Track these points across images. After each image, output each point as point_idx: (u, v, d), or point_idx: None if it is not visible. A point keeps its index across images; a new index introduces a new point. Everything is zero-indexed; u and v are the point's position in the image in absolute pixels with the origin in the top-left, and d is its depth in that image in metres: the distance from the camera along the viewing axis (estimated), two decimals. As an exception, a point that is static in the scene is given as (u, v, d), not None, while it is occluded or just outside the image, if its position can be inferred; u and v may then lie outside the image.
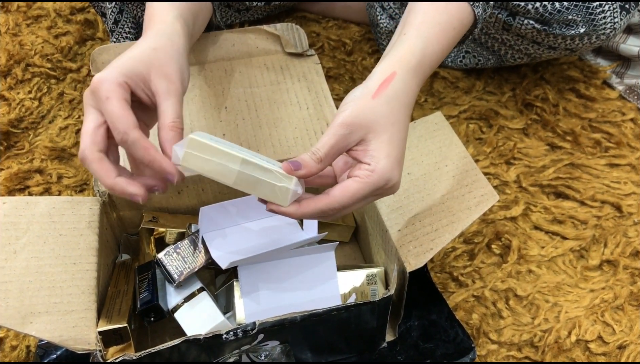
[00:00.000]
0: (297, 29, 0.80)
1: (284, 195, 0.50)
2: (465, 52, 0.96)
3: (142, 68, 0.52)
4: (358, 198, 0.50)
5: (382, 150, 0.51)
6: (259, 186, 0.49)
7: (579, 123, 0.93)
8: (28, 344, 0.69)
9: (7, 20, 1.06)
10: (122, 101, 0.49)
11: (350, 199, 0.50)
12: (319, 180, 0.54)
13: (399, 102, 0.53)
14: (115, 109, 0.49)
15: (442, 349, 0.65)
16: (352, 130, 0.50)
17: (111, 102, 0.49)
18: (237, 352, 0.58)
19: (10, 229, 0.59)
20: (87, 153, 0.49)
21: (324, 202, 0.50)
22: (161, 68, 0.53)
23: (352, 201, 0.50)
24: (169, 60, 0.54)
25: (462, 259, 0.78)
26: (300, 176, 0.50)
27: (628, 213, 0.83)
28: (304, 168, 0.49)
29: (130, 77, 0.51)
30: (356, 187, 0.50)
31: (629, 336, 0.71)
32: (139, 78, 0.52)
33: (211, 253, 0.60)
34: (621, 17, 0.79)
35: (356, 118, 0.51)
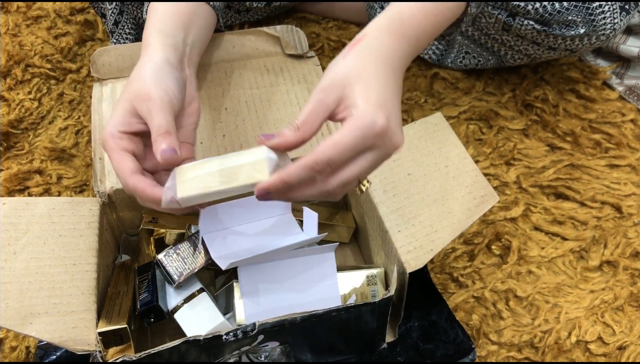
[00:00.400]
0: (297, 30, 0.80)
1: (262, 167, 0.48)
2: (465, 53, 0.96)
3: (128, 107, 0.55)
4: (345, 148, 0.48)
5: (359, 97, 0.49)
6: (241, 175, 0.49)
7: (579, 124, 0.93)
8: (28, 345, 0.69)
9: (7, 20, 1.06)
10: (117, 153, 0.54)
11: (336, 149, 0.47)
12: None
13: (371, 54, 0.52)
14: (114, 163, 0.54)
15: (442, 350, 0.64)
16: (327, 92, 0.50)
17: (111, 156, 0.54)
18: (237, 353, 0.58)
19: (10, 230, 0.59)
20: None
21: (308, 158, 0.47)
22: (140, 96, 0.55)
23: (338, 153, 0.47)
24: (146, 84, 0.56)
25: (462, 260, 0.78)
26: (275, 145, 0.49)
27: (628, 214, 0.83)
28: (279, 137, 0.49)
29: (122, 123, 0.55)
30: (339, 135, 0.48)
31: (629, 336, 0.71)
32: (130, 117, 0.55)
33: (211, 254, 0.60)
34: (621, 17, 0.79)
35: (329, 80, 0.51)
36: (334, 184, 0.49)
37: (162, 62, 0.59)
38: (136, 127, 0.55)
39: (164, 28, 0.62)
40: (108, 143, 0.54)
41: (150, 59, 0.59)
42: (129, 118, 0.55)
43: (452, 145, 0.67)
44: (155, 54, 0.59)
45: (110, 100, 0.73)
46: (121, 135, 0.55)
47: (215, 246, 0.61)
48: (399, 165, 0.66)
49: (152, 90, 0.55)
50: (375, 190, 0.64)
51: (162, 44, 0.61)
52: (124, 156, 0.54)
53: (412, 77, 0.99)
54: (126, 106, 0.56)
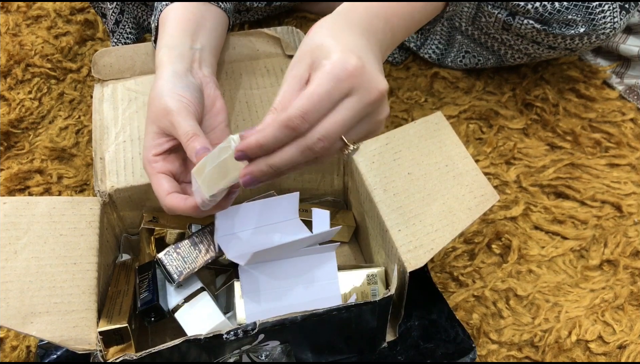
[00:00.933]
0: (297, 32, 0.80)
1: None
2: (465, 52, 0.96)
3: (154, 129, 0.59)
4: (320, 98, 0.45)
5: (329, 50, 0.47)
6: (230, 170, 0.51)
7: (579, 123, 0.93)
8: (28, 345, 0.69)
9: (7, 20, 1.06)
10: (154, 177, 0.58)
11: (309, 101, 0.45)
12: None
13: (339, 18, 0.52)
14: (153, 187, 0.58)
15: (442, 349, 0.65)
16: (298, 64, 0.48)
17: (151, 181, 0.58)
18: (237, 352, 0.58)
19: (10, 229, 0.59)
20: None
21: (281, 115, 0.45)
22: (159, 113, 0.58)
23: (313, 105, 0.45)
24: (162, 101, 0.58)
25: (463, 259, 0.78)
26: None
27: (628, 213, 0.83)
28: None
29: (153, 146, 0.58)
30: (312, 86, 0.46)
31: (629, 336, 0.71)
32: (158, 138, 0.58)
33: (227, 255, 0.61)
34: (621, 16, 0.79)
35: (298, 54, 0.50)
36: (315, 138, 0.46)
37: (169, 75, 0.61)
38: (167, 145, 0.59)
39: (170, 41, 0.64)
40: (146, 169, 0.59)
41: (160, 76, 0.61)
42: (158, 140, 0.58)
43: (453, 145, 0.67)
44: (164, 70, 0.61)
45: (111, 101, 0.73)
46: (155, 158, 0.58)
47: (231, 248, 0.62)
48: (399, 164, 0.66)
49: (168, 104, 0.58)
50: (375, 189, 0.65)
51: (169, 58, 0.63)
52: (159, 178, 0.57)
53: (412, 76, 0.99)
54: (152, 129, 0.59)
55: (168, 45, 0.64)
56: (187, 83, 0.61)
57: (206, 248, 0.62)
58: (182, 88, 0.60)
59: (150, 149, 0.58)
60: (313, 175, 0.73)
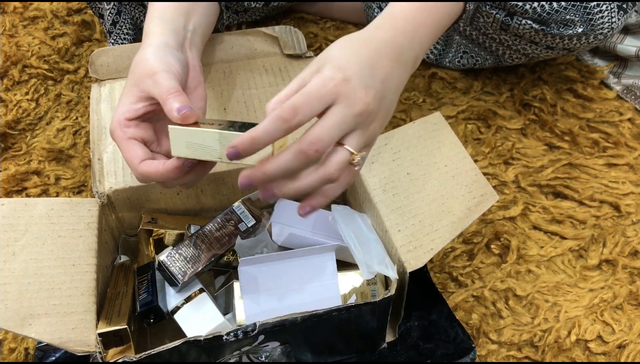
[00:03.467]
0: (296, 31, 0.80)
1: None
2: (463, 52, 0.96)
3: (133, 91, 0.56)
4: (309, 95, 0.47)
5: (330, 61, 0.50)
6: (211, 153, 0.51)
7: (577, 123, 0.93)
8: (27, 347, 0.69)
9: (4, 21, 1.06)
10: (125, 142, 0.55)
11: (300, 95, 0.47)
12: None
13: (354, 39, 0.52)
14: (123, 152, 0.55)
15: (442, 349, 0.64)
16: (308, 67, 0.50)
17: (120, 146, 0.55)
18: (237, 353, 0.58)
19: (8, 231, 0.59)
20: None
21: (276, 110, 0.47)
22: (143, 74, 0.56)
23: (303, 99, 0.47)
24: (147, 63, 0.56)
25: (462, 259, 0.78)
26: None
27: (626, 213, 0.83)
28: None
29: (128, 110, 0.55)
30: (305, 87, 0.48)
31: (628, 335, 0.71)
32: (135, 102, 0.56)
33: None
34: (619, 17, 0.79)
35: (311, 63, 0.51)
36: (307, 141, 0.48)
37: (161, 44, 0.59)
38: (142, 110, 0.56)
39: (163, 16, 0.63)
40: (116, 132, 0.55)
41: (149, 44, 0.59)
42: (135, 104, 0.56)
43: (452, 145, 0.67)
44: (154, 39, 0.59)
45: (109, 101, 0.73)
46: (128, 122, 0.55)
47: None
48: (398, 164, 0.66)
49: (155, 66, 0.55)
50: (374, 190, 0.64)
51: (161, 30, 0.61)
52: (132, 144, 0.54)
53: (410, 77, 0.99)
54: (132, 91, 0.56)
55: (161, 18, 0.62)
56: (177, 57, 0.59)
57: (207, 247, 0.62)
58: (171, 58, 0.58)
59: (124, 113, 0.55)
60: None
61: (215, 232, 0.63)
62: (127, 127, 0.55)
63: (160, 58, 0.57)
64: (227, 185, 0.69)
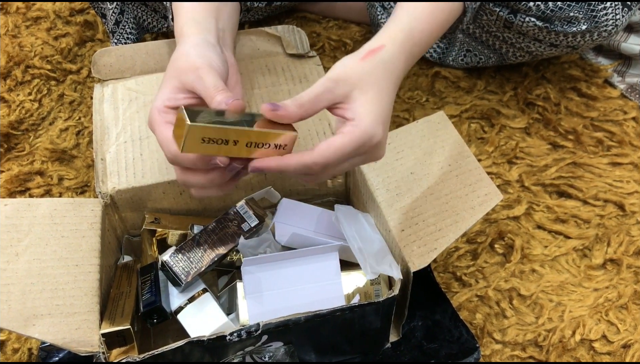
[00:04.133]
0: (299, 31, 0.80)
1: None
2: (467, 51, 0.96)
3: (174, 83, 0.56)
4: (343, 154, 0.50)
5: (366, 107, 0.51)
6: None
7: (581, 122, 0.92)
8: (30, 347, 0.69)
9: (7, 21, 1.06)
10: (162, 126, 0.54)
11: (334, 154, 0.50)
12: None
13: (385, 68, 0.54)
14: (159, 136, 0.54)
15: (446, 349, 0.64)
16: (338, 85, 0.51)
17: (156, 130, 0.54)
18: (240, 353, 0.58)
19: (12, 231, 0.59)
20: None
21: (308, 156, 0.50)
22: (186, 69, 0.56)
23: (336, 157, 0.50)
24: (190, 58, 0.57)
25: (465, 259, 0.78)
26: (278, 116, 0.50)
27: (631, 212, 0.83)
28: (283, 110, 0.50)
29: (169, 99, 0.55)
30: (340, 141, 0.50)
31: (633, 335, 0.71)
32: (176, 92, 0.56)
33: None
34: (623, 14, 0.79)
35: (344, 74, 0.52)
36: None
37: (201, 40, 0.59)
38: (183, 101, 0.56)
39: (196, 17, 0.63)
40: (154, 117, 0.55)
41: (186, 42, 0.59)
42: (175, 94, 0.56)
43: (455, 144, 0.67)
44: (193, 36, 0.60)
45: (111, 101, 0.73)
46: (167, 109, 0.55)
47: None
48: (402, 164, 0.66)
49: (198, 61, 0.56)
50: (378, 189, 0.64)
51: (197, 29, 0.61)
52: (168, 128, 0.54)
53: (413, 76, 0.99)
54: (172, 83, 0.56)
55: (194, 19, 0.62)
56: (218, 53, 0.59)
57: (210, 247, 0.62)
58: (213, 54, 0.58)
59: (164, 101, 0.55)
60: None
61: (219, 232, 0.63)
62: (165, 113, 0.55)
63: (202, 54, 0.57)
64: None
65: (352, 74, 0.52)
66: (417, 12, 0.58)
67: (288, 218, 0.65)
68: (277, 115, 0.50)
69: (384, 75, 0.54)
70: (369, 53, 0.54)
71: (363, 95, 0.52)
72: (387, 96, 0.53)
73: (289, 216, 0.66)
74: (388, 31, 0.56)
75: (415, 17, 0.57)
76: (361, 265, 0.61)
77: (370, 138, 0.51)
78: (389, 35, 0.56)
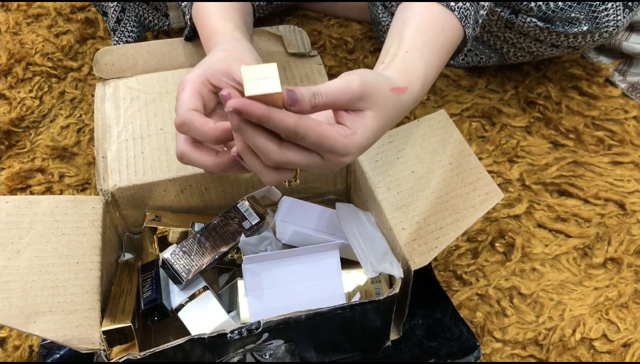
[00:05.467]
0: (300, 30, 0.80)
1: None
2: (468, 50, 0.96)
3: (222, 65, 0.56)
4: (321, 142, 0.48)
5: (367, 133, 0.50)
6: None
7: (582, 121, 0.92)
8: (31, 344, 0.69)
9: (8, 19, 1.06)
10: (192, 90, 0.53)
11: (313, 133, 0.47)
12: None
13: (400, 111, 0.53)
14: (183, 96, 0.52)
15: (446, 347, 0.64)
16: (363, 97, 0.49)
17: (184, 92, 0.53)
18: (241, 351, 0.58)
19: (13, 228, 0.59)
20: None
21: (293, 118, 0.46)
22: (239, 60, 0.56)
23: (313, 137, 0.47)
24: (243, 54, 0.58)
25: (466, 257, 0.78)
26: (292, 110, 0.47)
27: (632, 211, 0.83)
28: (298, 106, 0.47)
29: (210, 74, 0.54)
30: (327, 132, 0.48)
31: (633, 334, 0.71)
32: (220, 73, 0.55)
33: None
34: (624, 14, 0.79)
35: (374, 90, 0.50)
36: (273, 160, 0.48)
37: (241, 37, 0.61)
38: (223, 83, 0.55)
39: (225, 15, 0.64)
40: (190, 77, 0.54)
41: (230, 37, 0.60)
42: (219, 75, 0.55)
43: (456, 143, 0.67)
44: (234, 32, 0.62)
45: (113, 100, 0.73)
46: (206, 81, 0.54)
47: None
48: (402, 162, 0.66)
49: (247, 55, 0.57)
50: (379, 188, 0.64)
51: (230, 28, 0.63)
52: (196, 94, 0.53)
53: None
54: (218, 65, 0.56)
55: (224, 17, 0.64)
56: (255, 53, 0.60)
57: (211, 245, 0.62)
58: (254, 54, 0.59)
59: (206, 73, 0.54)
60: (316, 173, 0.72)
61: (220, 230, 0.63)
62: (203, 84, 0.54)
63: (249, 49, 0.59)
64: (231, 183, 0.69)
65: (379, 96, 0.51)
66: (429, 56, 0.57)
67: (289, 216, 0.65)
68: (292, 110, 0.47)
69: (396, 113, 0.53)
70: (397, 89, 0.53)
71: (373, 120, 0.51)
72: (386, 128, 0.53)
73: (290, 215, 0.66)
74: (408, 74, 0.55)
75: (428, 61, 0.56)
76: (362, 263, 0.61)
77: (346, 153, 0.49)
78: (408, 79, 0.54)
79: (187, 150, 0.53)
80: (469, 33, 0.61)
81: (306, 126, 0.47)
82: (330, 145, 0.49)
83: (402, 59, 0.56)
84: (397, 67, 0.55)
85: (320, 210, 0.67)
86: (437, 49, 0.57)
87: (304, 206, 0.67)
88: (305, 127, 0.47)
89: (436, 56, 0.57)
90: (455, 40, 0.60)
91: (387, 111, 0.51)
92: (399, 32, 0.58)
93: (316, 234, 0.65)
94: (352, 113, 0.50)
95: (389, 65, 0.55)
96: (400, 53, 0.56)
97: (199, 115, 0.52)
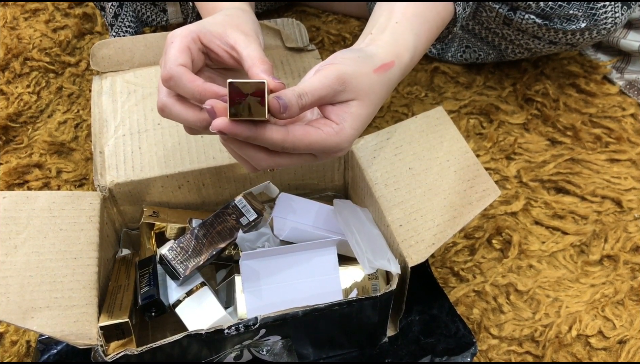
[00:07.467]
0: (298, 24, 0.79)
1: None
2: (466, 47, 0.96)
3: (217, 27, 0.53)
4: (310, 148, 0.48)
5: (355, 122, 0.50)
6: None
7: (580, 118, 0.93)
8: (28, 339, 0.69)
9: (5, 13, 1.05)
10: (182, 45, 0.51)
11: (302, 144, 0.48)
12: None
13: (389, 87, 0.54)
14: (172, 50, 0.50)
15: (443, 344, 0.65)
16: (345, 89, 0.49)
17: (172, 45, 0.51)
18: (238, 347, 0.58)
19: (10, 224, 0.59)
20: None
21: (281, 134, 0.47)
22: (237, 27, 0.54)
23: (302, 148, 0.48)
24: (242, 22, 0.55)
25: (463, 254, 0.78)
26: (282, 118, 0.47)
27: (628, 209, 0.83)
28: (288, 112, 0.47)
29: (202, 33, 0.52)
30: (316, 137, 0.48)
31: (629, 331, 0.71)
32: (213, 35, 0.53)
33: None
34: (622, 12, 0.79)
35: (354, 79, 0.50)
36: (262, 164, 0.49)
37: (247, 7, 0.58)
38: (214, 45, 0.53)
39: None
40: (181, 32, 0.52)
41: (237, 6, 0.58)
42: (212, 37, 0.53)
43: (454, 139, 0.67)
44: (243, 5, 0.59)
45: (110, 94, 0.73)
46: (197, 38, 0.52)
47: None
48: (400, 159, 0.66)
49: (249, 25, 0.54)
50: (376, 184, 0.64)
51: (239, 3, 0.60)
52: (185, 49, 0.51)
53: (412, 71, 0.99)
54: (216, 27, 0.53)
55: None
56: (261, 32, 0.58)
57: (209, 241, 0.62)
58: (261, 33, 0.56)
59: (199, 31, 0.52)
60: (313, 170, 0.72)
61: (217, 226, 0.63)
62: (191, 39, 0.52)
63: (253, 21, 0.56)
64: (229, 179, 0.69)
65: (362, 84, 0.51)
66: (419, 28, 0.57)
67: (287, 212, 0.66)
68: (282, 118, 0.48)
69: (385, 92, 0.53)
70: (382, 67, 0.53)
71: (359, 109, 0.51)
72: (375, 111, 0.52)
73: (288, 211, 0.66)
74: (396, 46, 0.55)
75: (418, 33, 0.56)
76: (359, 260, 0.61)
77: (339, 149, 0.50)
78: (397, 52, 0.55)
79: (169, 103, 0.51)
80: (459, 11, 0.61)
81: (294, 139, 0.47)
82: (321, 148, 0.49)
83: (391, 30, 0.56)
84: (385, 39, 0.55)
85: (318, 207, 0.67)
86: (427, 22, 0.57)
87: (301, 203, 0.67)
88: (294, 140, 0.47)
89: (426, 29, 0.57)
90: (446, 17, 0.60)
91: (373, 95, 0.51)
92: (389, 3, 0.58)
93: (314, 230, 0.65)
94: (337, 105, 0.50)
95: (376, 38, 0.55)
96: (391, 24, 0.56)
97: (188, 71, 0.50)
